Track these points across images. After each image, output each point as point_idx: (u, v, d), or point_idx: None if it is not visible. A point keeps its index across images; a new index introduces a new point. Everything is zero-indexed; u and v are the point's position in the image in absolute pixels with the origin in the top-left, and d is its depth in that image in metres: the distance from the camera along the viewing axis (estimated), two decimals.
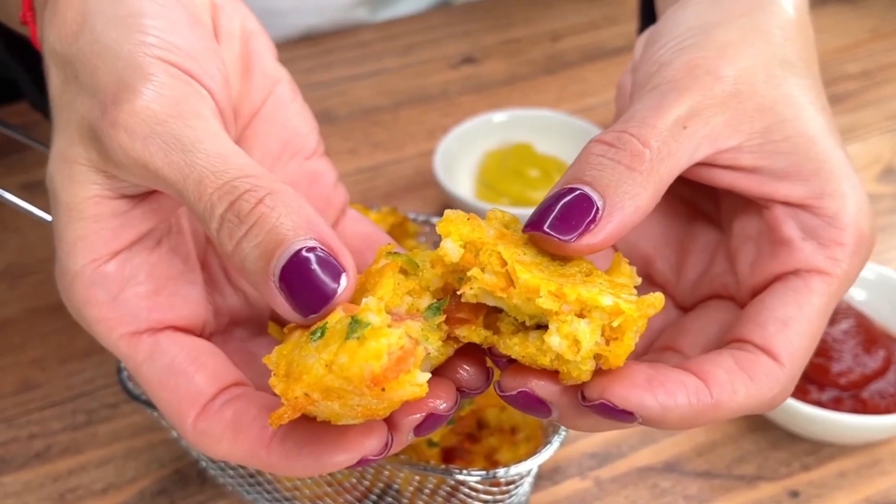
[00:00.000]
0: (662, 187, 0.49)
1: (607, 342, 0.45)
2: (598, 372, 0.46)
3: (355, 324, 0.42)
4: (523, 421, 0.71)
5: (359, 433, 0.46)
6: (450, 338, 0.48)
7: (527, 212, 0.99)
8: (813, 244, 0.51)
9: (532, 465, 0.63)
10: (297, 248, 0.45)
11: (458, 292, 0.47)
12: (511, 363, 0.49)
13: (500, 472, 0.63)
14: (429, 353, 0.47)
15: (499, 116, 1.16)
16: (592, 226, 0.46)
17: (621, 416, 0.46)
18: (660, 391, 0.46)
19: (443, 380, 0.49)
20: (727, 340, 0.51)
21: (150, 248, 0.53)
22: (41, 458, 0.83)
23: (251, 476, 0.73)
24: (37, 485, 0.81)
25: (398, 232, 0.78)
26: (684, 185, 0.52)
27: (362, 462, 0.47)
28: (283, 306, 0.46)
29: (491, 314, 0.49)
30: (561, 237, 0.46)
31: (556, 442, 0.64)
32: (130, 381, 0.68)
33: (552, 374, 0.47)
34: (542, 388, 0.47)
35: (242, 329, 0.61)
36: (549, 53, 1.41)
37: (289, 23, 1.40)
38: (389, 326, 0.43)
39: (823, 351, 0.83)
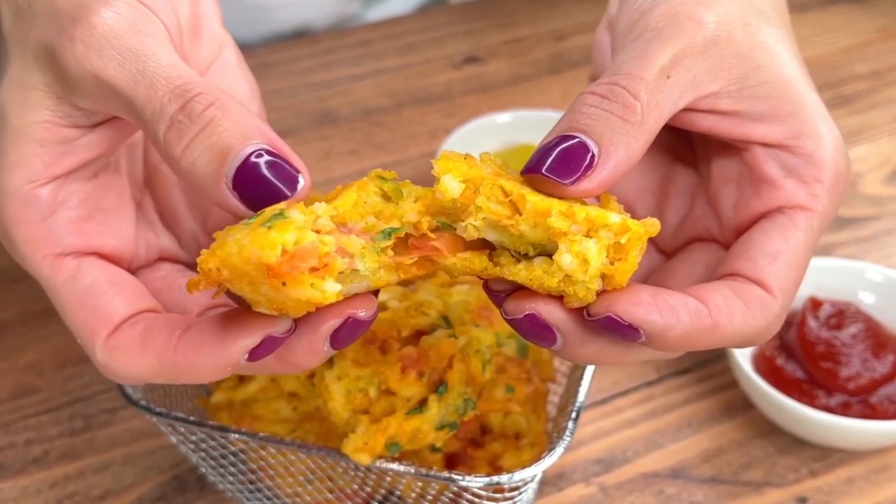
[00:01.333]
0: (651, 137, 0.51)
1: (611, 263, 0.47)
2: (602, 293, 0.48)
3: (277, 215, 0.44)
4: (527, 427, 0.70)
5: (264, 318, 0.48)
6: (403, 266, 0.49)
7: None
8: (794, 181, 0.54)
9: (536, 470, 0.63)
10: (253, 150, 0.47)
11: (462, 223, 0.48)
12: (508, 296, 0.50)
13: (504, 478, 0.62)
14: (357, 270, 0.47)
15: (502, 117, 1.15)
16: (590, 171, 0.49)
17: (626, 331, 0.47)
18: (664, 307, 0.47)
19: (367, 295, 0.50)
20: (718, 276, 0.53)
21: (87, 178, 0.55)
22: (38, 463, 0.83)
23: (251, 482, 0.73)
24: (34, 491, 0.81)
25: None
26: (662, 131, 0.53)
27: (266, 343, 0.48)
28: (237, 206, 0.47)
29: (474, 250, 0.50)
30: (560, 180, 0.48)
31: (560, 447, 0.63)
32: (129, 386, 0.67)
33: (557, 299, 0.48)
34: (548, 310, 0.48)
35: (171, 265, 0.62)
36: (554, 53, 1.40)
37: (281, 17, 1.40)
38: (327, 233, 0.45)
39: (832, 355, 0.82)
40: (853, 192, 1.12)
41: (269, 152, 0.48)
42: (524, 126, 1.15)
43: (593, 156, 0.49)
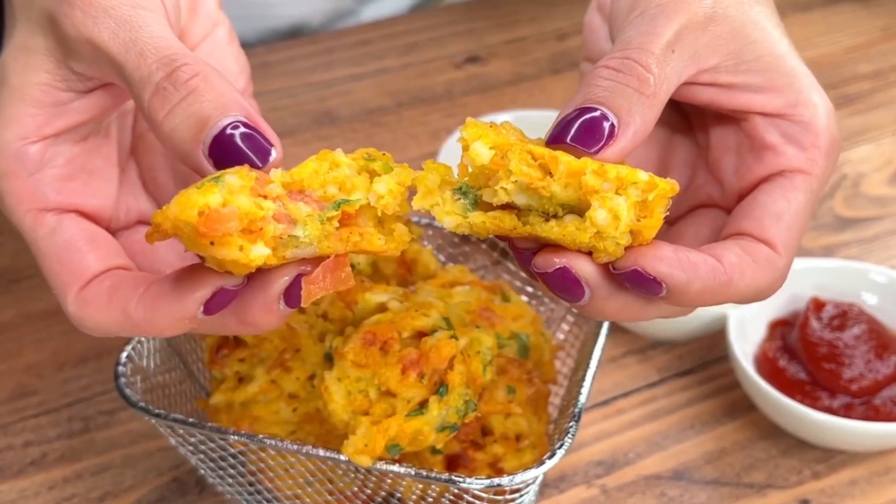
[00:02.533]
0: (661, 108, 0.54)
1: (638, 220, 0.49)
2: (628, 249, 0.50)
3: (216, 178, 0.47)
4: (528, 428, 0.70)
5: (217, 272, 0.50)
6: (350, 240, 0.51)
7: None
8: (794, 147, 0.57)
9: (537, 473, 0.62)
10: (230, 121, 0.50)
11: (495, 187, 0.50)
12: (535, 253, 0.52)
13: (505, 480, 0.62)
14: (297, 237, 0.49)
15: (504, 117, 1.15)
16: (611, 140, 0.51)
17: (650, 285, 0.50)
18: (685, 263, 0.50)
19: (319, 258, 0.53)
20: (725, 235, 0.57)
21: (76, 140, 0.59)
22: (37, 465, 0.82)
23: (251, 484, 0.73)
24: (32, 493, 0.80)
25: None
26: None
27: (218, 296, 0.50)
28: (211, 173, 0.50)
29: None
30: (585, 149, 0.51)
31: (561, 449, 0.63)
32: (128, 387, 0.67)
33: (586, 255, 0.51)
34: (578, 264, 0.51)
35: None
36: (555, 53, 1.40)
37: (277, 14, 1.40)
38: (275, 198, 0.47)
39: (835, 357, 0.82)
40: (856, 192, 1.11)
41: (245, 124, 0.51)
42: (525, 126, 1.12)
43: (613, 126, 0.52)
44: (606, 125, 0.51)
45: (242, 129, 0.50)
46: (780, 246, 0.54)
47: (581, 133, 0.51)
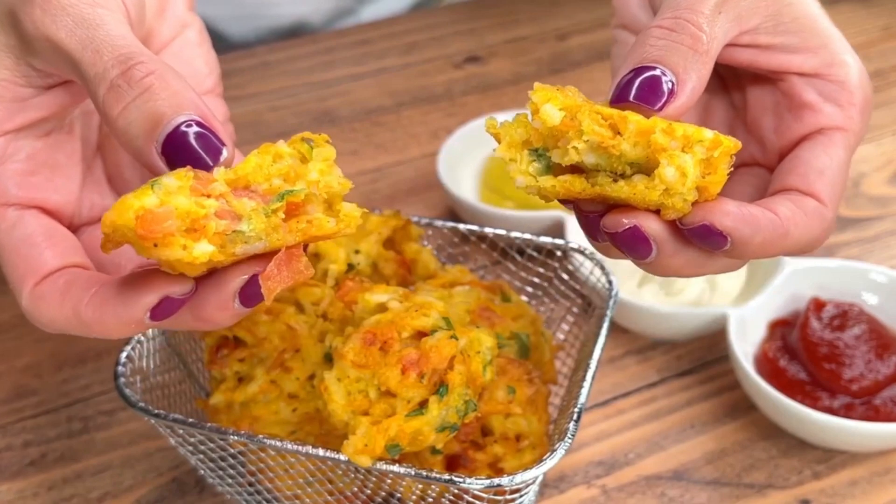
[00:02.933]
0: (712, 65, 0.56)
1: (703, 176, 0.51)
2: (695, 205, 0.52)
3: (155, 182, 0.47)
4: (528, 428, 0.70)
5: (165, 278, 0.51)
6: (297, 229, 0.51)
7: (532, 214, 0.98)
8: (831, 105, 0.60)
9: (537, 473, 0.62)
10: (183, 119, 0.51)
11: (567, 146, 0.52)
12: (601, 215, 0.54)
13: (505, 480, 0.62)
14: (242, 232, 0.49)
15: (504, 117, 1.14)
16: (672, 97, 0.54)
17: (717, 238, 0.52)
18: (748, 217, 0.53)
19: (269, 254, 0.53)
20: (773, 192, 0.59)
21: (38, 135, 0.59)
22: (36, 465, 0.82)
23: (251, 485, 0.73)
24: (31, 493, 0.80)
25: (401, 235, 0.77)
26: None
27: (165, 304, 0.51)
28: (163, 170, 0.51)
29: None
30: (649, 106, 0.53)
31: (561, 449, 0.63)
32: (128, 387, 0.67)
33: (653, 213, 0.53)
34: (647, 222, 0.53)
35: None
36: (556, 52, 1.40)
37: (277, 13, 1.40)
38: (219, 196, 0.48)
39: (835, 357, 0.82)
40: (856, 192, 1.11)
41: (199, 124, 0.51)
42: None
43: (672, 83, 0.54)
44: (665, 81, 0.54)
45: (196, 129, 0.51)
46: (827, 199, 0.57)
47: (643, 91, 0.53)
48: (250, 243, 0.50)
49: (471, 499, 0.65)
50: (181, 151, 0.51)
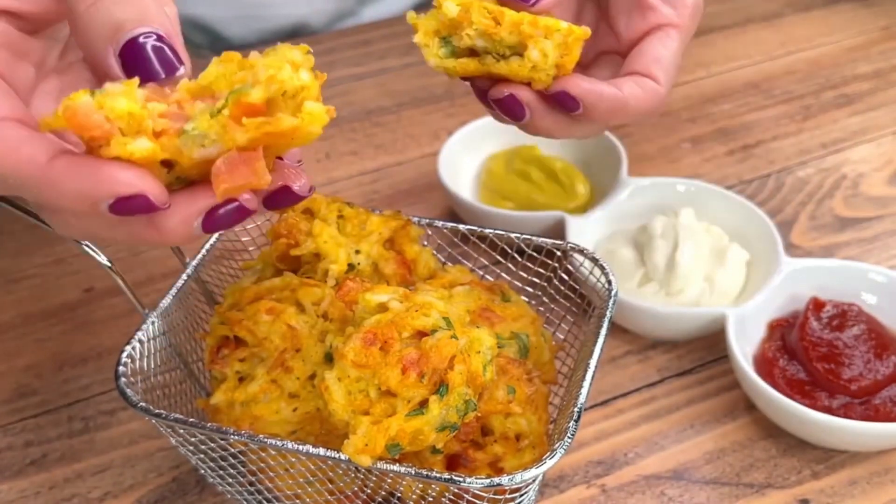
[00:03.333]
0: None
1: (561, 57, 0.65)
2: (556, 79, 0.67)
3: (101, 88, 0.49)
4: (528, 428, 0.70)
5: (151, 178, 0.50)
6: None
7: (532, 214, 0.98)
8: (669, 7, 0.73)
9: (537, 472, 0.62)
10: (146, 30, 0.53)
11: (462, 33, 0.66)
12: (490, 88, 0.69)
13: (505, 479, 0.62)
14: (186, 131, 0.50)
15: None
16: None
17: (571, 102, 0.67)
18: (595, 87, 0.67)
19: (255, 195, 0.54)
20: (622, 74, 0.72)
21: (16, 26, 0.58)
22: (37, 465, 0.82)
23: (251, 484, 0.73)
24: (32, 493, 0.80)
25: (401, 235, 0.77)
26: None
27: (136, 198, 0.50)
28: (118, 75, 0.52)
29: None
30: (524, 4, 0.67)
31: (561, 449, 0.63)
32: (129, 387, 0.67)
33: (526, 85, 0.67)
34: (521, 92, 0.67)
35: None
36: None
37: (278, 14, 1.40)
38: (174, 102, 0.50)
39: (834, 357, 0.82)
40: (855, 192, 1.11)
41: (160, 38, 0.53)
42: None
43: None
44: None
45: (155, 42, 0.53)
46: (662, 80, 0.70)
47: None
48: (207, 146, 0.51)
49: (471, 498, 0.65)
50: (138, 59, 0.52)
